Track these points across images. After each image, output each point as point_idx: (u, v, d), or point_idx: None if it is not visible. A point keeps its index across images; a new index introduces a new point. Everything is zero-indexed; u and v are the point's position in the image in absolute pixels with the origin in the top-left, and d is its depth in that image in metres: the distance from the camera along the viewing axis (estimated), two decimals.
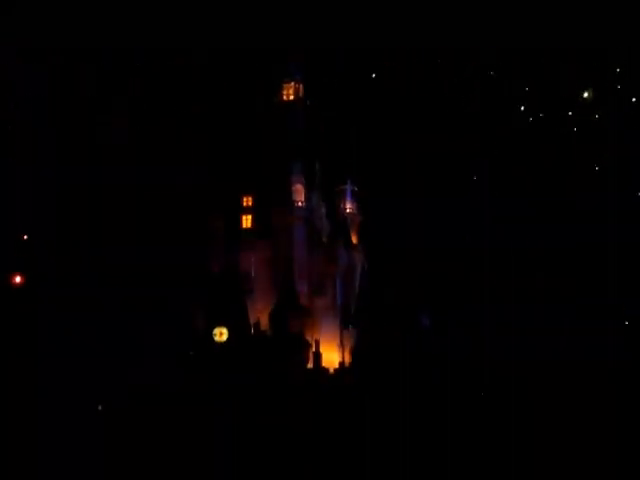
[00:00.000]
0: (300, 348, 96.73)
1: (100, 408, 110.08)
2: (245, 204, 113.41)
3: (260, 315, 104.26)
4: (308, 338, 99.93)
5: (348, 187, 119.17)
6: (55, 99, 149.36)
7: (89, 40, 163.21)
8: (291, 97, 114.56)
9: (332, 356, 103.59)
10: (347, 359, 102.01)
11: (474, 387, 72.61)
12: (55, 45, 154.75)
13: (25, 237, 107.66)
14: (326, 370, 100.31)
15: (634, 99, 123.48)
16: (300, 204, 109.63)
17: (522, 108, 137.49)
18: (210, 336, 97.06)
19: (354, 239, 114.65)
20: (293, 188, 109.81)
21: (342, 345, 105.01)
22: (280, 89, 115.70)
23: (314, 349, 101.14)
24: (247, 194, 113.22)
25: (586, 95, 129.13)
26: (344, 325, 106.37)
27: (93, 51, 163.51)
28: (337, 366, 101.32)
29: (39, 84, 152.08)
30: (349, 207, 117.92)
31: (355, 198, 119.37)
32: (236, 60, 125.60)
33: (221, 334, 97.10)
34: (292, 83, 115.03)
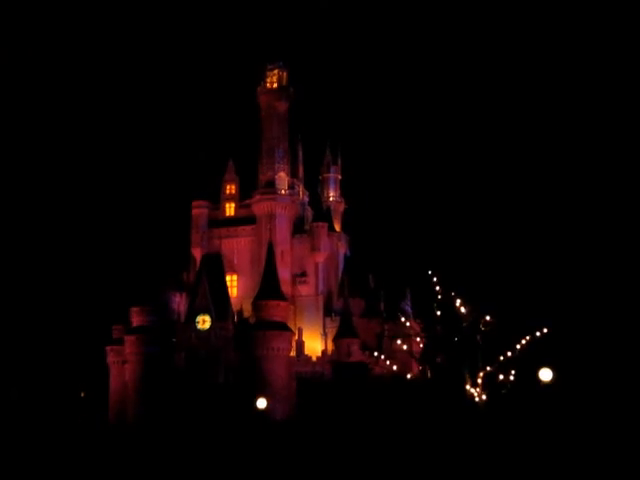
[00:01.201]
0: (283, 336, 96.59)
1: (82, 395, 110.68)
2: (228, 192, 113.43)
3: (243, 302, 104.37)
4: (291, 326, 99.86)
5: (332, 175, 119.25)
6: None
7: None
8: (275, 85, 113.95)
9: (315, 344, 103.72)
10: (330, 347, 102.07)
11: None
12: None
13: None
14: (309, 358, 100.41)
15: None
16: (283, 192, 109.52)
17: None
18: (193, 323, 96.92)
19: (337, 226, 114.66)
20: (276, 176, 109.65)
21: (325, 333, 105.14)
22: (264, 76, 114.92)
23: (297, 337, 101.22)
24: (230, 182, 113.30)
25: None
26: (327, 313, 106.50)
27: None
28: (320, 354, 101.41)
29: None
30: (332, 195, 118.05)
31: (339, 186, 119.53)
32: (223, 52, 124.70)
33: (204, 321, 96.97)
34: (276, 70, 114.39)
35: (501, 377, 65.67)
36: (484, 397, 64.14)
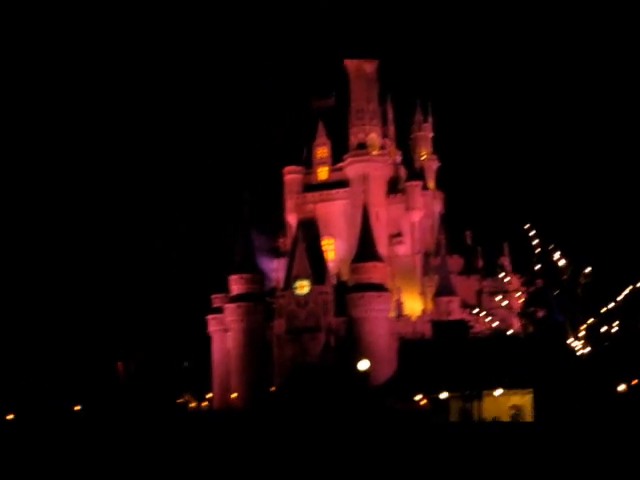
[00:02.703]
0: (382, 297, 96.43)
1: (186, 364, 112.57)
2: (320, 155, 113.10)
3: (340, 265, 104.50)
4: (389, 286, 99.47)
5: (423, 133, 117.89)
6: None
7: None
8: None
9: (414, 304, 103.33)
10: (429, 306, 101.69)
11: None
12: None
13: None
14: (408, 318, 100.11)
15: None
16: (375, 153, 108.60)
17: None
18: (292, 289, 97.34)
19: (431, 185, 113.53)
20: (367, 137, 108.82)
21: (424, 292, 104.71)
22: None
23: (396, 297, 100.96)
24: (321, 146, 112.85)
25: None
26: (425, 272, 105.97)
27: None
28: (419, 314, 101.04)
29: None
30: (425, 153, 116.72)
31: (431, 143, 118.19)
32: None
33: (302, 287, 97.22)
34: None
35: (604, 329, 64.72)
36: (587, 349, 63.34)
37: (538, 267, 69.51)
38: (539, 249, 68.56)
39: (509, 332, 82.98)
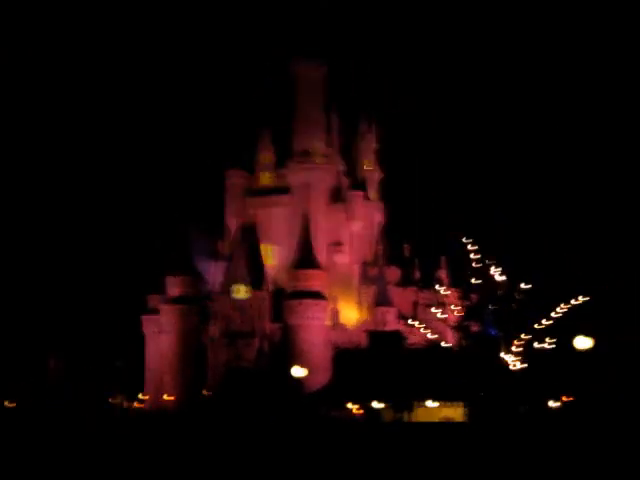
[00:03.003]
0: (318, 305, 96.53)
1: (118, 364, 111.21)
2: (263, 161, 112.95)
3: (279, 272, 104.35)
4: (327, 295, 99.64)
5: (367, 144, 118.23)
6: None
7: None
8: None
9: (350, 313, 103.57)
10: (365, 316, 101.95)
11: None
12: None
13: None
14: (344, 326, 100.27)
15: None
16: (318, 161, 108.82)
17: None
18: (229, 293, 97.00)
19: (373, 195, 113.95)
20: (311, 145, 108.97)
21: (361, 302, 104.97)
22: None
23: (332, 306, 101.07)
24: (265, 151, 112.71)
25: None
26: (362, 281, 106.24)
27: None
28: (356, 323, 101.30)
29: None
30: (368, 164, 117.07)
31: (374, 155, 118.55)
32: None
33: (239, 291, 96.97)
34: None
35: (536, 345, 65.44)
36: (519, 365, 63.98)
37: (475, 281, 69.98)
38: (476, 263, 69.08)
39: (443, 345, 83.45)
